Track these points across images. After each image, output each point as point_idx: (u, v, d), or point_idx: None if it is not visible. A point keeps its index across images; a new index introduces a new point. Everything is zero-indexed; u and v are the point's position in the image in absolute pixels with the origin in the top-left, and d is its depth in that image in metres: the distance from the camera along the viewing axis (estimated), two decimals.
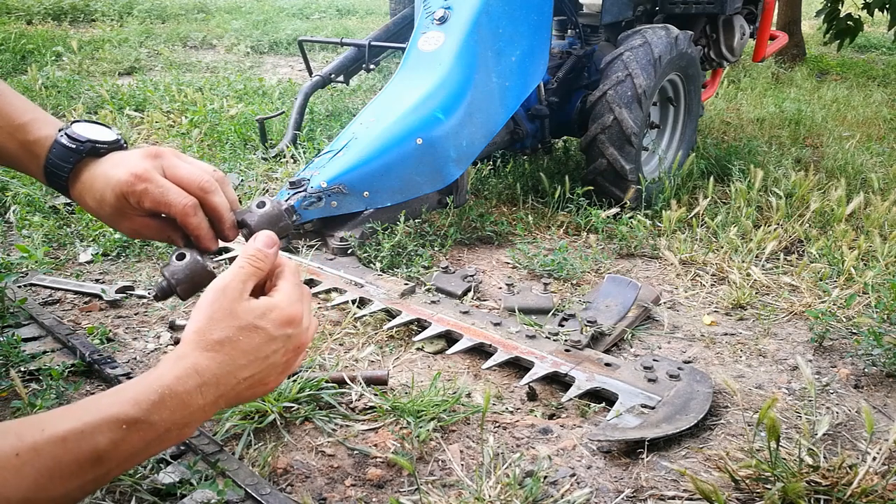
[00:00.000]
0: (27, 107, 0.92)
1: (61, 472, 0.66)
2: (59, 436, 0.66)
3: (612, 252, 2.45)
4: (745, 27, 3.57)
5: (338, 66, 3.97)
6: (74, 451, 0.67)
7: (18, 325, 1.76)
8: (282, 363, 0.83)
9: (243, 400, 0.82)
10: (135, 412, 0.70)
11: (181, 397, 0.73)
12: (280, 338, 0.81)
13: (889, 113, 4.72)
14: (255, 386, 0.81)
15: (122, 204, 0.88)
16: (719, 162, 3.27)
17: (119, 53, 5.98)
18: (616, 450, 1.38)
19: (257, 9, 9.24)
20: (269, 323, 0.80)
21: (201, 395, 0.75)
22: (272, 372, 0.82)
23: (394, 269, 2.17)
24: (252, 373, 0.79)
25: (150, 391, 0.72)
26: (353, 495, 1.24)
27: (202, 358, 0.75)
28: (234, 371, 0.77)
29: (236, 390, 0.78)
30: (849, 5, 6.18)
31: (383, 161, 2.21)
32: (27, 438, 0.65)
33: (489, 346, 1.70)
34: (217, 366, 0.76)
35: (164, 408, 0.72)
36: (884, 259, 2.25)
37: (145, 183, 0.86)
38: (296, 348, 0.84)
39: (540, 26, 2.57)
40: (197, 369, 0.75)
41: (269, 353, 0.80)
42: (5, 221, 2.51)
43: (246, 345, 0.78)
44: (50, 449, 0.65)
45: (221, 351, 0.76)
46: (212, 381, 0.75)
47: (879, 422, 1.52)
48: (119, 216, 0.90)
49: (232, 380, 0.77)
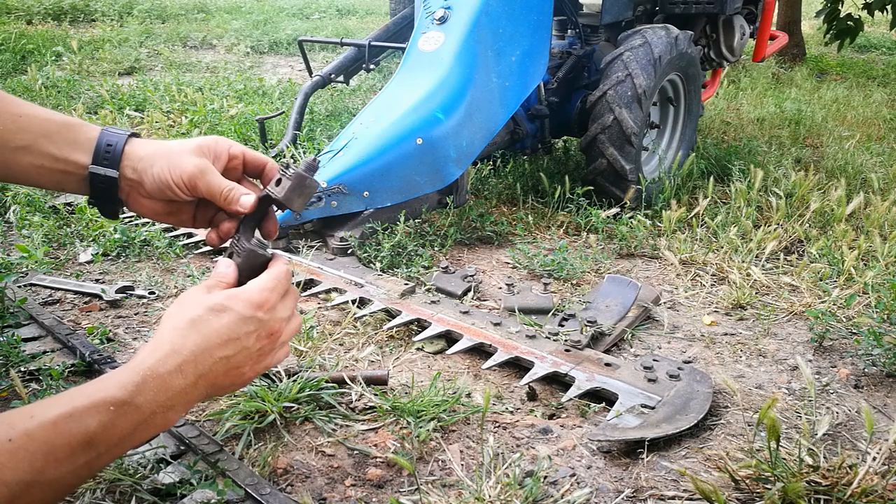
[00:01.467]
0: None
1: (55, 455, 0.69)
2: (49, 421, 0.69)
3: (612, 252, 2.45)
4: (745, 27, 3.57)
5: (338, 66, 3.97)
6: (66, 434, 0.69)
7: (18, 325, 1.76)
8: (255, 350, 0.86)
9: (221, 388, 0.85)
10: (121, 394, 0.74)
11: (163, 378, 0.77)
12: (251, 319, 0.84)
13: (889, 113, 4.72)
14: (231, 372, 0.84)
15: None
16: (719, 162, 3.27)
17: (119, 53, 5.98)
18: (616, 450, 1.38)
19: (257, 9, 9.25)
20: (237, 303, 0.84)
21: (181, 374, 0.78)
22: (247, 358, 0.85)
23: (394, 269, 2.17)
24: (227, 353, 0.82)
25: (132, 374, 0.76)
26: (353, 495, 1.24)
27: (177, 336, 0.80)
28: (209, 349, 0.80)
29: (214, 372, 0.81)
30: (849, 5, 6.18)
31: (383, 161, 2.21)
32: (18, 425, 0.68)
33: (489, 346, 1.70)
34: (192, 343, 0.80)
35: (147, 389, 0.75)
36: (884, 259, 2.25)
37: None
38: (269, 335, 0.87)
39: (540, 26, 2.57)
40: (174, 348, 0.79)
41: (241, 334, 0.83)
42: (5, 221, 2.51)
43: (216, 323, 0.82)
44: (42, 433, 0.68)
45: (194, 328, 0.81)
46: (190, 359, 0.79)
47: (879, 422, 1.52)
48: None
49: (209, 358, 0.80)
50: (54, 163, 0.91)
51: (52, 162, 0.91)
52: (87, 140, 0.92)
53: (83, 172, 0.92)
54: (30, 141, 0.89)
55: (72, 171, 0.92)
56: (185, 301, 0.85)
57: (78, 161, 0.92)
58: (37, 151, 0.90)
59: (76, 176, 0.92)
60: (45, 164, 0.91)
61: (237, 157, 0.98)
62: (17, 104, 0.91)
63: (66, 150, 0.91)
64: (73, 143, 0.92)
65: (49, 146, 0.90)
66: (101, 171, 0.91)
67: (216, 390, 0.84)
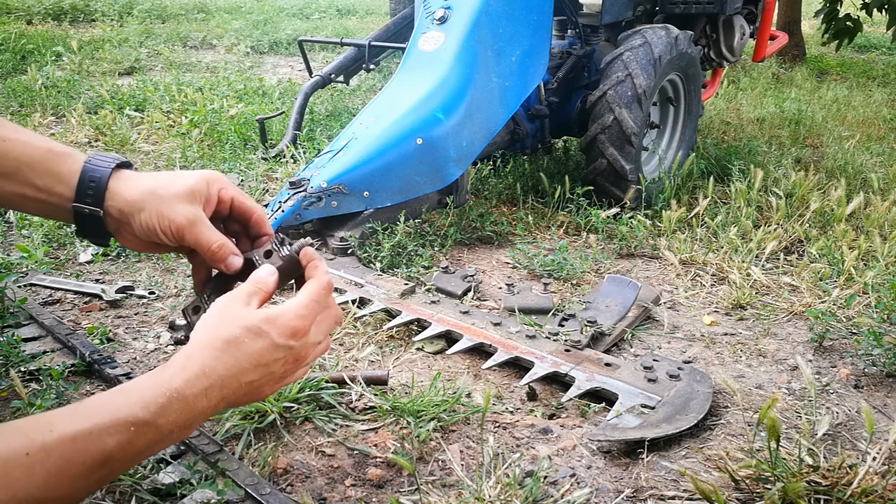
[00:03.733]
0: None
1: (70, 472, 0.67)
2: (68, 436, 0.67)
3: (612, 252, 2.45)
4: (745, 27, 3.57)
5: (338, 66, 3.97)
6: (83, 452, 0.68)
7: (18, 325, 1.76)
8: (279, 373, 0.84)
9: (238, 404, 0.84)
10: (143, 415, 0.72)
11: (188, 401, 0.75)
12: (283, 347, 0.82)
13: (889, 113, 4.72)
14: (252, 392, 0.83)
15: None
16: (719, 162, 3.27)
17: (119, 53, 5.98)
18: (616, 450, 1.38)
19: (257, 9, 9.24)
20: (274, 329, 0.81)
21: (206, 398, 0.76)
22: (270, 380, 0.83)
23: (394, 269, 2.17)
24: (254, 378, 0.80)
25: (158, 394, 0.73)
26: (353, 495, 1.24)
27: (209, 359, 0.77)
28: (238, 374, 0.79)
29: (237, 394, 0.80)
30: (847, 5, 6.18)
31: (383, 161, 2.21)
32: (37, 438, 0.66)
33: (489, 346, 1.70)
34: (224, 367, 0.78)
35: (170, 411, 0.73)
36: (884, 259, 2.25)
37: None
38: (296, 360, 0.85)
39: (540, 26, 2.57)
40: (205, 371, 0.76)
41: (270, 360, 0.81)
42: (5, 221, 2.51)
43: (250, 348, 0.79)
44: (60, 449, 0.66)
45: (227, 351, 0.78)
46: (217, 384, 0.77)
47: (879, 422, 1.52)
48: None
49: (235, 383, 0.79)
50: (37, 192, 0.87)
51: (34, 192, 0.87)
52: (69, 173, 0.87)
53: (67, 205, 0.88)
54: (12, 168, 0.85)
55: (55, 203, 0.88)
56: (222, 313, 0.82)
57: (61, 194, 0.87)
58: (19, 180, 0.86)
59: (60, 207, 0.88)
60: (27, 192, 0.87)
61: (225, 202, 0.94)
62: (1, 126, 0.86)
63: (48, 181, 0.87)
64: (56, 175, 0.87)
65: (31, 175, 0.86)
66: (84, 209, 0.87)
67: (232, 406, 0.84)
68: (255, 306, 0.84)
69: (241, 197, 0.96)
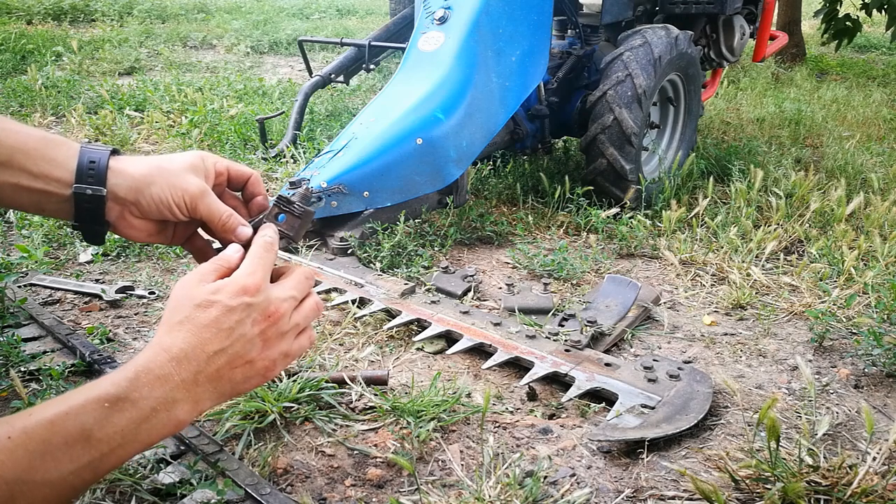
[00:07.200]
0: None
1: (52, 452, 0.69)
2: (46, 419, 0.70)
3: (612, 252, 2.45)
4: (745, 27, 3.57)
5: (338, 66, 3.98)
6: (62, 431, 0.70)
7: (18, 325, 1.76)
8: (255, 335, 0.82)
9: (235, 382, 0.82)
10: (114, 390, 0.74)
11: (155, 372, 0.76)
12: (238, 307, 0.81)
13: (889, 113, 4.72)
14: (236, 363, 0.81)
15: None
16: (719, 162, 3.27)
17: (119, 53, 5.98)
18: (616, 450, 1.38)
19: (257, 9, 9.25)
20: (223, 295, 0.81)
21: (176, 369, 0.77)
22: (249, 346, 0.82)
23: (394, 269, 2.17)
24: (221, 346, 0.80)
25: (125, 371, 0.76)
26: (353, 495, 1.24)
27: (166, 337, 0.79)
28: (200, 344, 0.79)
29: (214, 365, 0.79)
30: (847, 5, 6.18)
31: (383, 161, 2.21)
32: (17, 424, 0.69)
33: (489, 346, 1.70)
34: (181, 340, 0.78)
35: (140, 383, 0.75)
36: (884, 259, 2.25)
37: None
38: (266, 317, 0.83)
39: (540, 26, 2.57)
40: (163, 346, 0.78)
41: (231, 323, 0.80)
42: (5, 221, 2.51)
43: (204, 318, 0.80)
44: (39, 431, 0.69)
45: (182, 328, 0.79)
46: (181, 356, 0.78)
47: (879, 422, 1.52)
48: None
49: (202, 353, 0.79)
50: (32, 181, 0.85)
51: (29, 179, 0.85)
52: (67, 158, 0.86)
53: (65, 192, 0.86)
54: (5, 156, 0.83)
55: (52, 191, 0.86)
56: (176, 298, 0.82)
57: (59, 179, 0.86)
58: (13, 168, 0.84)
59: (56, 196, 0.86)
60: (21, 181, 0.84)
61: (222, 174, 0.96)
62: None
63: (45, 167, 0.85)
64: (53, 160, 0.85)
65: (26, 162, 0.84)
66: (87, 190, 0.86)
67: (231, 386, 0.82)
68: (210, 282, 0.83)
69: (234, 164, 0.98)
